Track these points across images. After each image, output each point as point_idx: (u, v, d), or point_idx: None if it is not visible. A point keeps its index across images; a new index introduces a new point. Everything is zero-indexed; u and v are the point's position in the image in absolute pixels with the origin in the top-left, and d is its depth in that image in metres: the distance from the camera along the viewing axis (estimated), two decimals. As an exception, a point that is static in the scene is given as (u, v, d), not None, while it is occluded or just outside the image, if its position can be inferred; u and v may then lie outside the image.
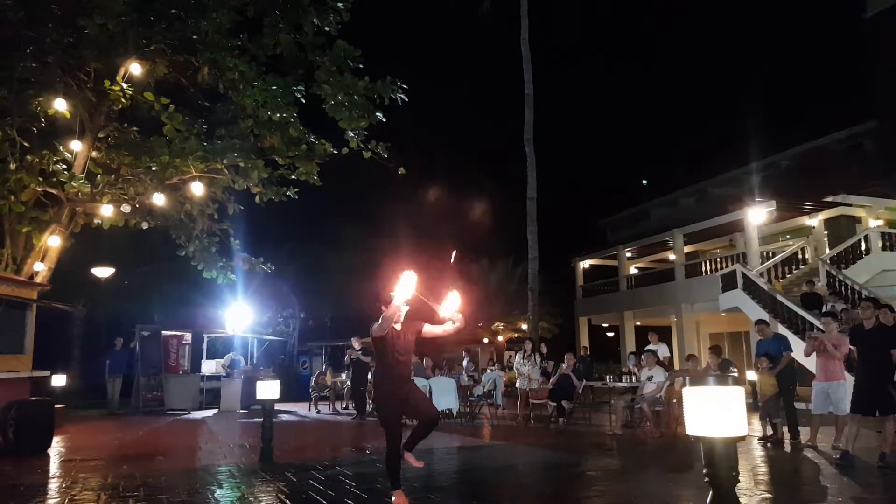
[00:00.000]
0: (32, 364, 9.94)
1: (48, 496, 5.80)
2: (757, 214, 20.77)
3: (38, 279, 11.58)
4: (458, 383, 13.09)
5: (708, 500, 2.97)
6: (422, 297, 5.23)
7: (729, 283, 19.86)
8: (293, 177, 12.88)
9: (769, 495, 5.70)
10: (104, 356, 16.27)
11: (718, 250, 26.40)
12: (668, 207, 31.10)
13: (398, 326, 5.28)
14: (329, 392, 16.34)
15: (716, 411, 2.99)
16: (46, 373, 10.58)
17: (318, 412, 15.15)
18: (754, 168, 26.25)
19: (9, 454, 8.37)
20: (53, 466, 7.61)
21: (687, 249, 26.27)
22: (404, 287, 5.05)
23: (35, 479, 6.65)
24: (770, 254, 21.92)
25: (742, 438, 3.03)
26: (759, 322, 10.16)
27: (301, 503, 5.30)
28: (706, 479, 2.99)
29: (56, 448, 8.93)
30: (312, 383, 16.72)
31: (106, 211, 12.01)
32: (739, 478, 3.04)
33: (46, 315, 10.83)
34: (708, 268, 23.86)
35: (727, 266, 21.27)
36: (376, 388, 5.44)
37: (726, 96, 50.52)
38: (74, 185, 11.23)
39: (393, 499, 5.07)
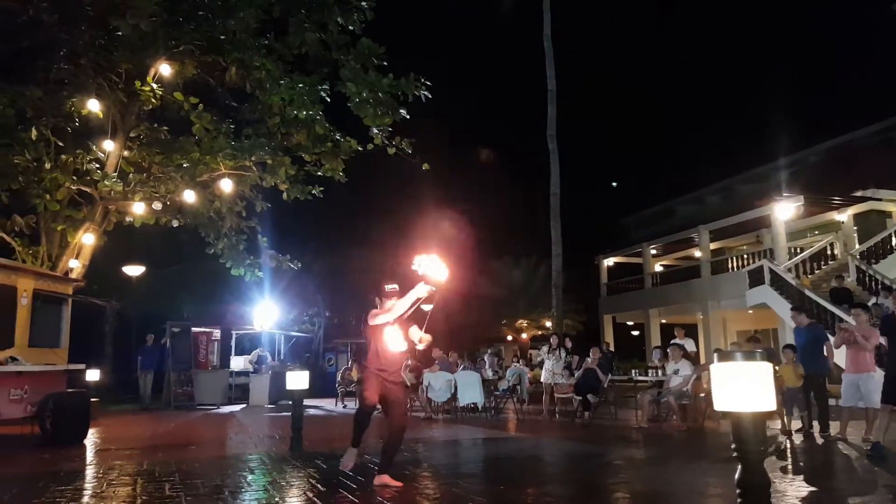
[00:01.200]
0: (68, 358, 10.22)
1: (87, 480, 5.98)
2: (785, 210, 20.52)
3: (73, 276, 11.87)
4: (482, 377, 13.15)
5: (737, 475, 2.99)
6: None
7: (756, 279, 19.67)
8: (319, 174, 13.06)
9: (801, 488, 5.67)
10: (136, 352, 16.62)
11: (745, 246, 26.12)
12: (694, 204, 30.81)
13: (397, 324, 5.54)
14: (355, 387, 16.48)
15: (744, 386, 3.02)
16: (82, 366, 10.82)
17: (344, 407, 15.31)
18: (782, 163, 25.90)
19: (47, 444, 8.61)
20: (90, 455, 7.82)
21: (713, 246, 26.03)
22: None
23: (74, 466, 6.85)
24: (798, 249, 21.64)
25: (770, 414, 3.06)
26: (794, 309, 10.11)
27: (332, 487, 5.40)
28: (734, 453, 3.01)
29: (92, 439, 9.15)
30: (339, 379, 16.89)
31: (138, 209, 12.29)
32: (768, 454, 3.06)
33: (80, 312, 11.11)
34: (734, 264, 23.64)
35: (754, 262, 21.06)
36: (367, 368, 5.65)
37: (753, 91, 49.91)
38: (107, 183, 11.51)
39: (344, 458, 5.46)
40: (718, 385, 3.09)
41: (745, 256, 23.05)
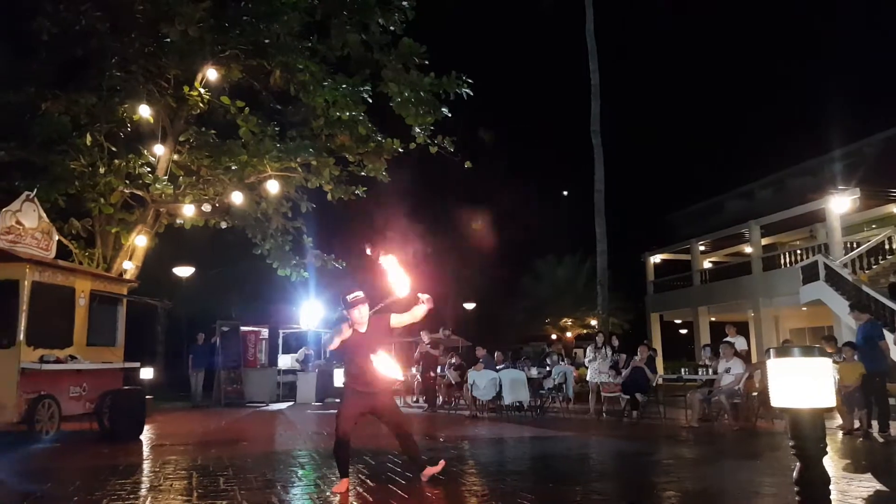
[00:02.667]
0: (124, 356, 10.54)
1: (145, 474, 6.16)
2: (840, 203, 19.90)
3: (127, 277, 12.24)
4: (527, 376, 13.07)
5: (795, 473, 2.91)
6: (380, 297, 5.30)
7: (810, 274, 19.10)
8: (362, 174, 13.19)
9: (861, 487, 5.49)
10: (187, 351, 17.03)
11: (798, 242, 25.41)
12: (744, 199, 30.07)
13: (363, 329, 5.25)
14: (399, 386, 16.60)
15: (802, 382, 2.93)
16: (136, 364, 11.18)
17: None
18: (836, 155, 25.09)
19: (105, 439, 8.91)
20: (146, 450, 8.05)
21: (764, 242, 25.39)
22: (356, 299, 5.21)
23: (131, 460, 7.06)
24: (854, 244, 20.94)
25: (830, 409, 2.96)
26: (853, 308, 9.83)
27: (381, 483, 5.44)
28: (793, 451, 2.93)
29: (147, 434, 9.42)
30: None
31: (188, 211, 12.59)
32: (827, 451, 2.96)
33: (133, 312, 11.43)
34: (787, 260, 23.01)
35: (808, 258, 20.46)
36: (345, 382, 5.55)
37: (805, 81, 48.40)
38: (158, 186, 11.84)
39: (336, 485, 5.15)
40: (776, 381, 3.01)
41: (799, 252, 22.40)
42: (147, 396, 10.76)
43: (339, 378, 7.87)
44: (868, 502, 4.76)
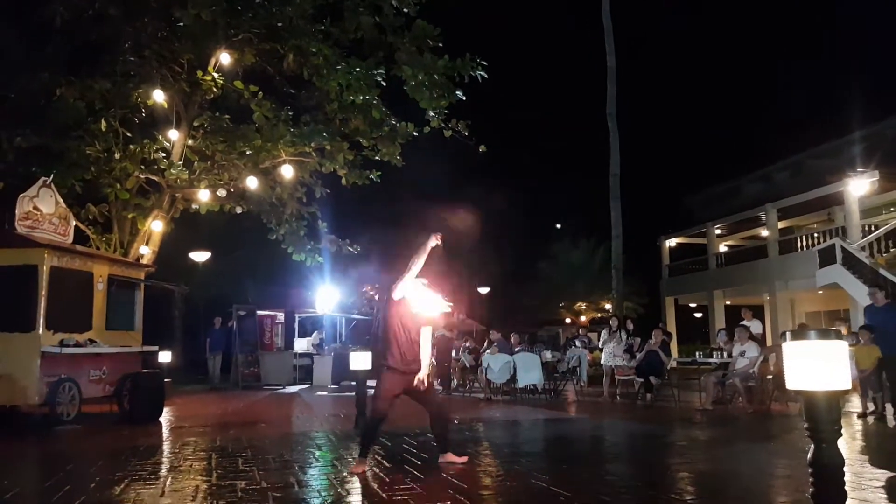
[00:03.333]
0: (142, 340, 10.68)
1: (165, 455, 6.27)
2: (859, 186, 19.64)
3: (144, 262, 12.36)
4: (541, 359, 13.09)
5: (809, 455, 2.91)
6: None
7: (827, 258, 18.92)
8: (377, 158, 13.19)
9: (875, 470, 5.48)
10: (204, 335, 17.21)
11: (815, 225, 25.13)
12: (761, 182, 29.75)
13: (413, 308, 5.32)
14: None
15: (818, 364, 2.92)
16: (155, 348, 11.30)
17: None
18: (856, 137, 24.71)
19: (125, 421, 9.06)
20: (166, 432, 8.18)
21: (781, 225, 25.16)
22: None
23: (151, 441, 7.19)
24: (872, 227, 20.67)
25: (845, 392, 2.95)
26: (872, 288, 9.72)
27: (397, 464, 5.50)
28: (807, 433, 2.93)
29: (166, 417, 9.56)
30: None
31: (203, 196, 12.67)
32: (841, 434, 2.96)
33: (150, 296, 11.56)
34: (804, 243, 22.80)
35: (825, 241, 20.26)
36: (384, 358, 5.35)
37: (824, 62, 47.68)
38: (173, 172, 11.91)
39: (353, 466, 5.19)
40: (792, 363, 3.00)
41: (816, 235, 22.18)
42: (165, 379, 10.89)
43: (354, 361, 7.92)
44: (882, 485, 4.75)
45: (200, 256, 18.54)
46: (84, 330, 9.14)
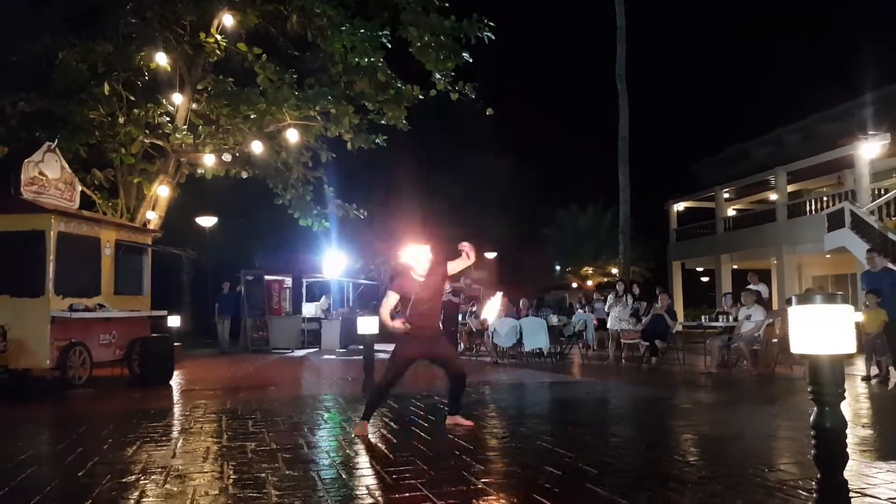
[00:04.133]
0: (151, 305, 10.77)
1: (176, 418, 6.37)
2: (870, 149, 19.38)
3: (151, 227, 12.40)
4: (547, 324, 13.16)
5: (812, 417, 2.93)
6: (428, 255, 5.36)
7: (836, 222, 18.79)
8: (382, 122, 13.08)
9: (877, 433, 5.51)
10: (213, 299, 17.35)
11: (825, 188, 24.91)
12: (771, 146, 29.40)
13: (421, 278, 5.34)
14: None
15: (823, 329, 2.92)
16: (164, 313, 11.40)
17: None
18: (868, 100, 24.31)
19: (136, 385, 9.19)
20: (176, 395, 8.30)
21: (790, 188, 24.96)
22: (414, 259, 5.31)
23: (162, 404, 7.30)
24: (882, 191, 20.47)
25: (850, 356, 2.96)
26: (870, 251, 9.63)
27: (405, 425, 5.58)
28: (811, 396, 2.94)
29: (176, 380, 9.69)
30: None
31: (208, 161, 12.64)
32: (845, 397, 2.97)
33: (158, 261, 11.61)
34: (813, 207, 22.63)
35: (834, 205, 20.10)
36: (403, 334, 5.38)
37: (835, 23, 46.66)
38: (178, 136, 11.87)
39: (357, 427, 5.25)
40: (797, 327, 3.00)
41: (825, 199, 21.99)
42: (175, 343, 11.02)
43: (362, 326, 7.98)
44: (883, 447, 4.79)
45: (207, 222, 18.57)
46: (93, 295, 9.22)
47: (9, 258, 8.46)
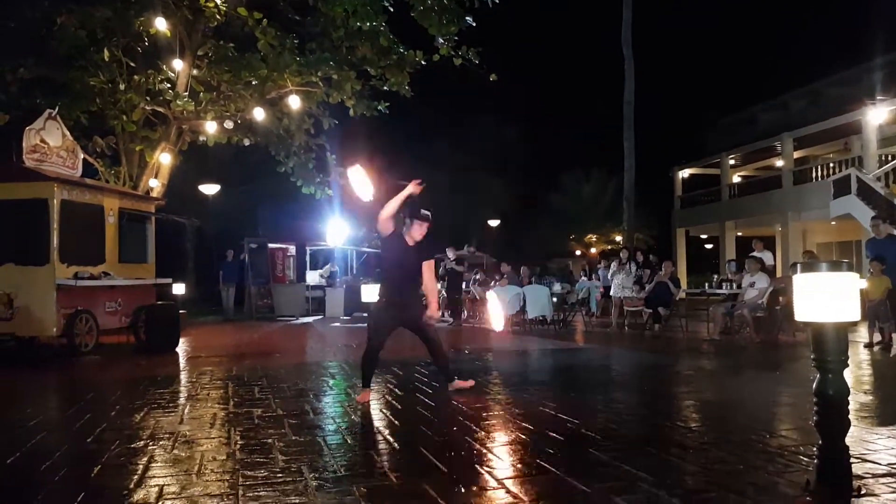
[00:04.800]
0: (156, 272, 10.81)
1: (182, 384, 6.44)
2: (877, 114, 19.18)
3: (154, 195, 12.38)
4: (551, 291, 13.19)
5: (815, 384, 2.94)
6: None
7: (841, 188, 18.69)
8: (385, 88, 12.95)
9: (879, 400, 5.54)
10: (216, 267, 17.42)
11: (831, 155, 24.73)
12: (777, 111, 29.10)
13: (411, 241, 5.36)
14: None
15: (828, 297, 2.91)
16: (168, 280, 11.45)
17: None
18: (876, 64, 23.96)
19: (142, 352, 9.27)
20: (182, 361, 8.37)
21: (796, 155, 24.78)
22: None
23: (169, 371, 7.37)
24: (890, 157, 20.30)
25: (854, 323, 2.96)
26: (875, 219, 9.58)
27: (409, 392, 5.64)
28: (814, 363, 2.96)
29: (182, 347, 9.77)
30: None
31: (210, 128, 12.56)
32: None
33: (162, 229, 11.62)
34: (819, 174, 22.50)
35: (840, 171, 19.96)
36: (380, 294, 5.50)
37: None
38: (179, 103, 11.77)
39: (359, 395, 5.29)
40: (801, 295, 2.99)
41: (832, 165, 21.84)
42: (180, 311, 11.08)
43: (366, 293, 8.01)
44: (884, 413, 4.82)
45: (210, 189, 18.55)
46: (97, 263, 9.25)
47: (13, 226, 8.49)
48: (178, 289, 14.31)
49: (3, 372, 7.78)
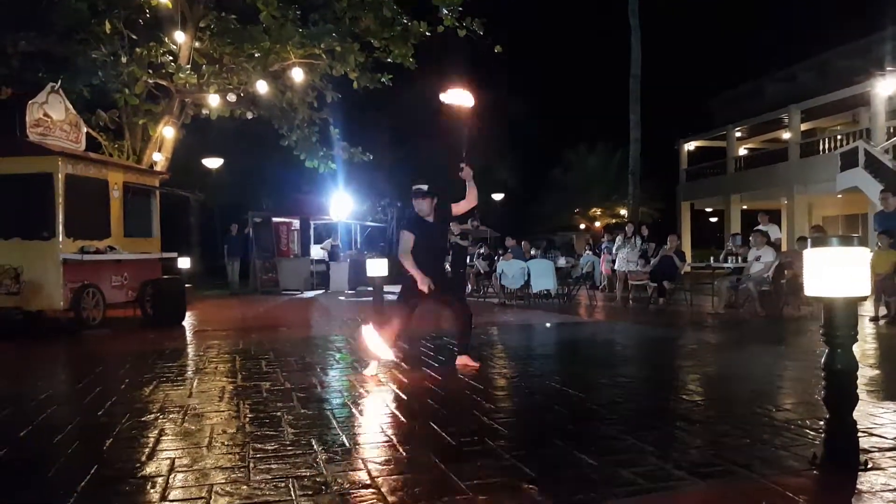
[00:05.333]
0: (161, 247, 10.82)
1: (190, 357, 6.49)
2: (886, 86, 18.96)
3: (158, 169, 12.34)
4: (555, 265, 13.19)
5: (823, 358, 2.94)
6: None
7: (849, 161, 18.56)
8: (388, 60, 12.82)
9: (887, 373, 5.55)
10: (221, 241, 17.44)
11: (839, 127, 24.52)
12: (785, 83, 28.78)
13: (430, 219, 5.45)
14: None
15: (838, 272, 2.89)
16: (174, 254, 11.47)
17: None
18: (886, 35, 23.62)
19: (149, 326, 9.33)
20: (189, 335, 8.43)
21: (804, 127, 24.57)
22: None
23: (176, 345, 7.42)
24: (898, 129, 20.13)
25: (864, 299, 2.94)
26: (884, 192, 9.51)
27: (415, 366, 5.66)
28: (823, 338, 2.95)
29: (189, 321, 9.83)
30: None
31: (213, 101, 12.47)
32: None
33: (166, 203, 11.60)
34: (826, 146, 22.33)
35: (848, 144, 19.79)
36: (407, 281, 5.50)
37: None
38: (182, 75, 11.68)
39: (367, 368, 5.34)
40: (811, 270, 2.98)
41: (839, 138, 21.65)
42: (186, 285, 11.11)
43: (371, 268, 8.02)
44: (891, 388, 4.83)
45: (213, 163, 18.48)
46: (103, 237, 9.25)
47: (18, 201, 8.48)
48: (184, 263, 14.34)
49: (13, 346, 7.84)
